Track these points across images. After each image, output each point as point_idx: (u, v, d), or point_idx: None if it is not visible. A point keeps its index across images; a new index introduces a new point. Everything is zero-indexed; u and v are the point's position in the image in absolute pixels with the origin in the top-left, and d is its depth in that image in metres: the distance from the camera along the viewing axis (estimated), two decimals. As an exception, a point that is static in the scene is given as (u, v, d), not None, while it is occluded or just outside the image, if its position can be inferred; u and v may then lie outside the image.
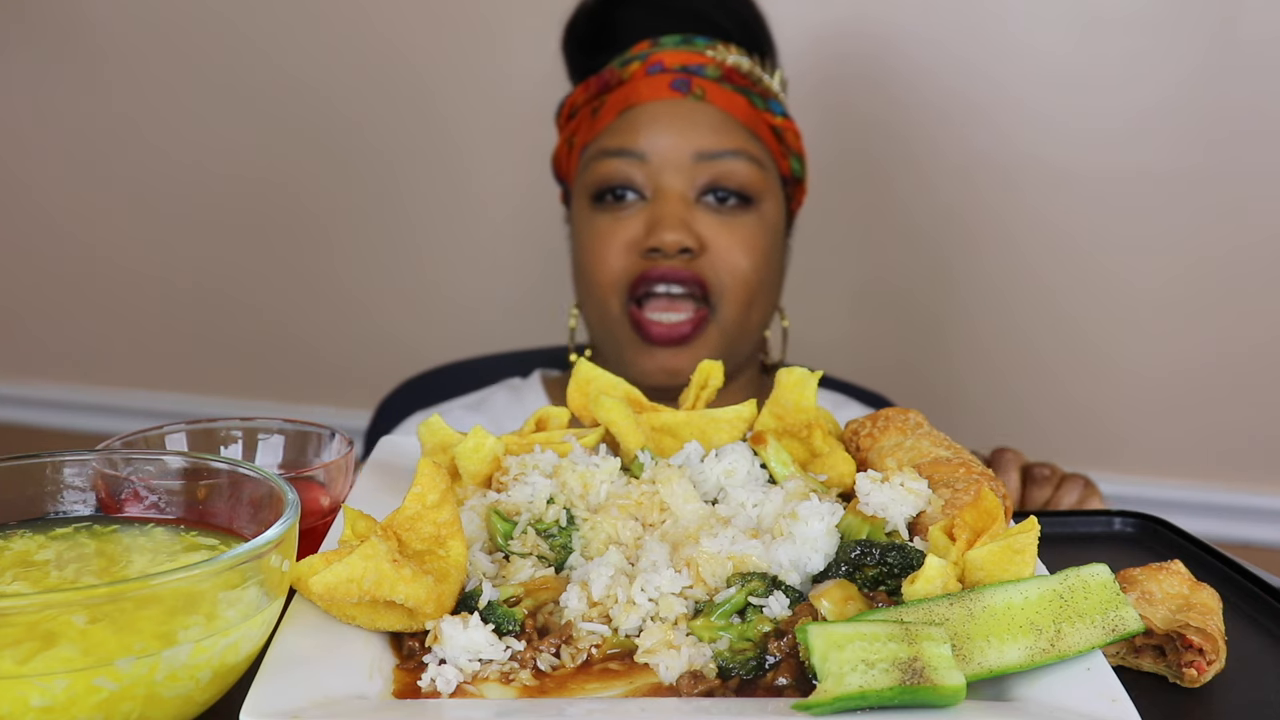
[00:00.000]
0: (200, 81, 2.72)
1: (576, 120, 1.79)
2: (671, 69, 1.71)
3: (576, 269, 1.79)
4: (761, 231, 1.71)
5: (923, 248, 2.47)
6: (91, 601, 0.72)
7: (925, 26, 2.37)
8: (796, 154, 1.79)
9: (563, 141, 1.83)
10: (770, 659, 0.85)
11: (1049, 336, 2.44)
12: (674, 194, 1.68)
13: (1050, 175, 2.37)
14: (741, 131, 1.71)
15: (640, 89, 1.71)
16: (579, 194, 1.77)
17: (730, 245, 1.68)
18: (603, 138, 1.73)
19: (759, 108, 1.73)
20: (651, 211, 1.68)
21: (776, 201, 1.76)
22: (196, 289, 2.85)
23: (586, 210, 1.74)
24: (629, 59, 1.74)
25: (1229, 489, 2.40)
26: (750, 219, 1.70)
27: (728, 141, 1.69)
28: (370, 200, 2.71)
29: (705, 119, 1.70)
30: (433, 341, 2.63)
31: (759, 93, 1.73)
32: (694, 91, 1.70)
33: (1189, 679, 0.92)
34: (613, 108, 1.72)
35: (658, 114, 1.69)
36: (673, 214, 1.66)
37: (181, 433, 1.12)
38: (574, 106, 1.79)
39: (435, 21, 2.58)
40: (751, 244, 1.70)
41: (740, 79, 1.72)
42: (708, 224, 1.68)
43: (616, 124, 1.72)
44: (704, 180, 1.69)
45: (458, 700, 0.81)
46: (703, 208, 1.69)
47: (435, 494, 0.90)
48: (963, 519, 0.89)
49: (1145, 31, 2.28)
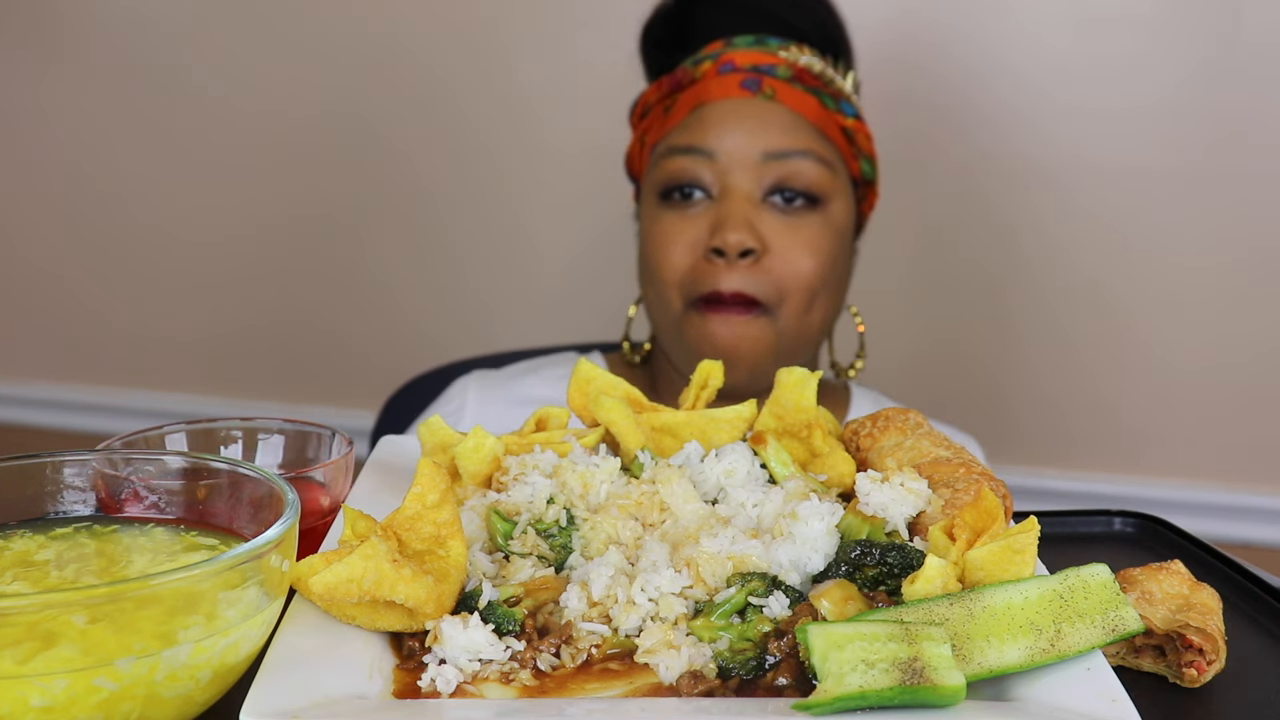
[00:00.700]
0: (211, 81, 2.72)
1: (649, 119, 1.80)
2: (743, 68, 1.72)
3: (642, 265, 1.80)
4: (827, 233, 1.71)
5: (932, 249, 2.47)
6: (91, 601, 0.72)
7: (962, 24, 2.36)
8: (868, 156, 1.79)
9: (635, 139, 1.84)
10: (770, 659, 0.85)
11: (1048, 338, 2.44)
12: (740, 193, 1.68)
13: (1057, 180, 2.37)
14: (811, 132, 1.72)
15: (711, 88, 1.72)
16: (648, 190, 1.78)
17: (793, 245, 1.67)
18: (672, 135, 1.74)
19: (830, 109, 1.74)
20: (717, 211, 1.69)
21: (845, 203, 1.76)
22: (197, 289, 2.85)
23: (654, 207, 1.76)
24: (701, 58, 1.76)
25: (1229, 489, 2.40)
26: (816, 220, 1.70)
27: (796, 142, 1.70)
28: (370, 200, 2.71)
29: (775, 118, 1.70)
30: (434, 341, 2.63)
31: (830, 94, 1.74)
32: (764, 91, 1.71)
33: (1189, 679, 0.92)
34: (684, 106, 1.74)
35: (727, 113, 1.70)
36: (738, 214, 1.66)
37: (181, 433, 1.12)
38: (647, 105, 1.81)
39: (457, 18, 2.58)
40: (816, 245, 1.69)
41: (812, 79, 1.73)
42: (772, 224, 1.68)
43: (687, 122, 1.73)
44: (771, 180, 1.69)
45: (458, 700, 0.81)
46: (769, 208, 1.69)
47: (435, 494, 0.90)
48: (963, 519, 0.89)
49: (1186, 22, 2.28)
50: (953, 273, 2.46)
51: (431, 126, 2.63)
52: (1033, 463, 2.46)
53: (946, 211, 2.44)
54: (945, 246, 2.46)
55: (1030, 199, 2.39)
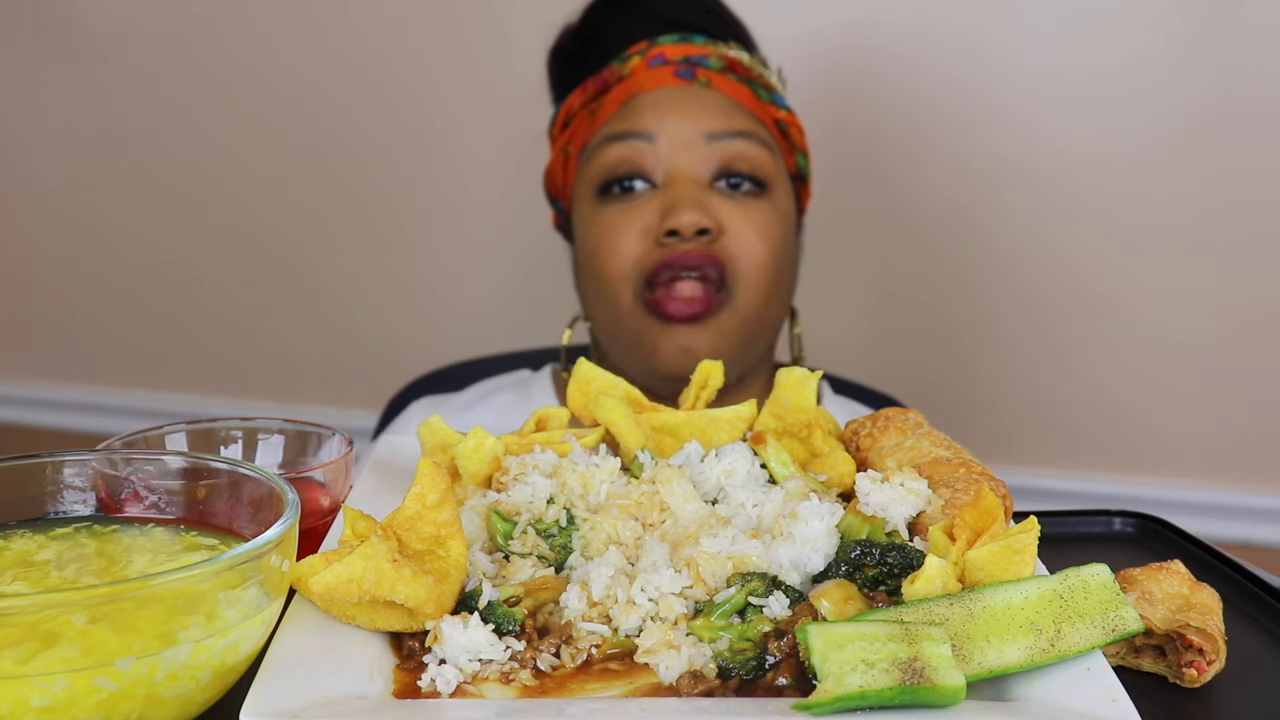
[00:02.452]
0: (198, 83, 2.72)
1: (573, 126, 1.72)
2: (674, 60, 1.66)
3: (582, 268, 1.71)
4: (777, 218, 1.65)
5: (928, 249, 2.47)
6: (91, 601, 0.72)
7: (943, 25, 2.36)
8: (801, 151, 1.74)
9: (557, 153, 1.75)
10: (770, 659, 0.85)
11: (1048, 338, 2.44)
12: (688, 176, 1.61)
13: (1053, 177, 2.37)
14: (749, 117, 1.67)
15: (643, 80, 1.65)
16: (582, 194, 1.69)
17: (746, 229, 1.61)
18: (604, 128, 1.66)
19: (763, 99, 1.69)
20: (664, 196, 1.61)
21: (787, 193, 1.70)
22: (196, 289, 2.85)
23: (592, 206, 1.66)
24: (628, 56, 1.68)
25: (1229, 489, 2.40)
26: (765, 205, 1.64)
27: (738, 124, 1.64)
28: (371, 200, 2.70)
29: (713, 102, 1.64)
30: (435, 341, 2.63)
31: (763, 85, 1.69)
32: (699, 79, 1.65)
33: (1189, 679, 0.92)
34: (614, 101, 1.66)
35: (662, 99, 1.64)
36: (688, 195, 1.59)
37: (181, 433, 1.12)
38: (570, 112, 1.72)
39: (428, 23, 2.58)
40: (768, 230, 1.63)
41: (744, 71, 1.68)
42: (723, 208, 1.61)
43: (619, 113, 1.65)
44: (716, 162, 1.62)
45: (458, 700, 0.81)
46: (716, 192, 1.62)
47: (435, 494, 0.90)
48: (963, 519, 0.89)
49: (1157, 31, 2.28)
50: (951, 273, 2.46)
51: (430, 125, 2.63)
52: (1033, 463, 2.46)
53: (946, 211, 2.44)
54: (944, 246, 2.45)
55: (1030, 198, 2.39)
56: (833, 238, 2.48)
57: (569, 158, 1.73)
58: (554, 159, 1.77)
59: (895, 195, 2.46)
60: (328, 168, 2.70)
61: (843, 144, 2.42)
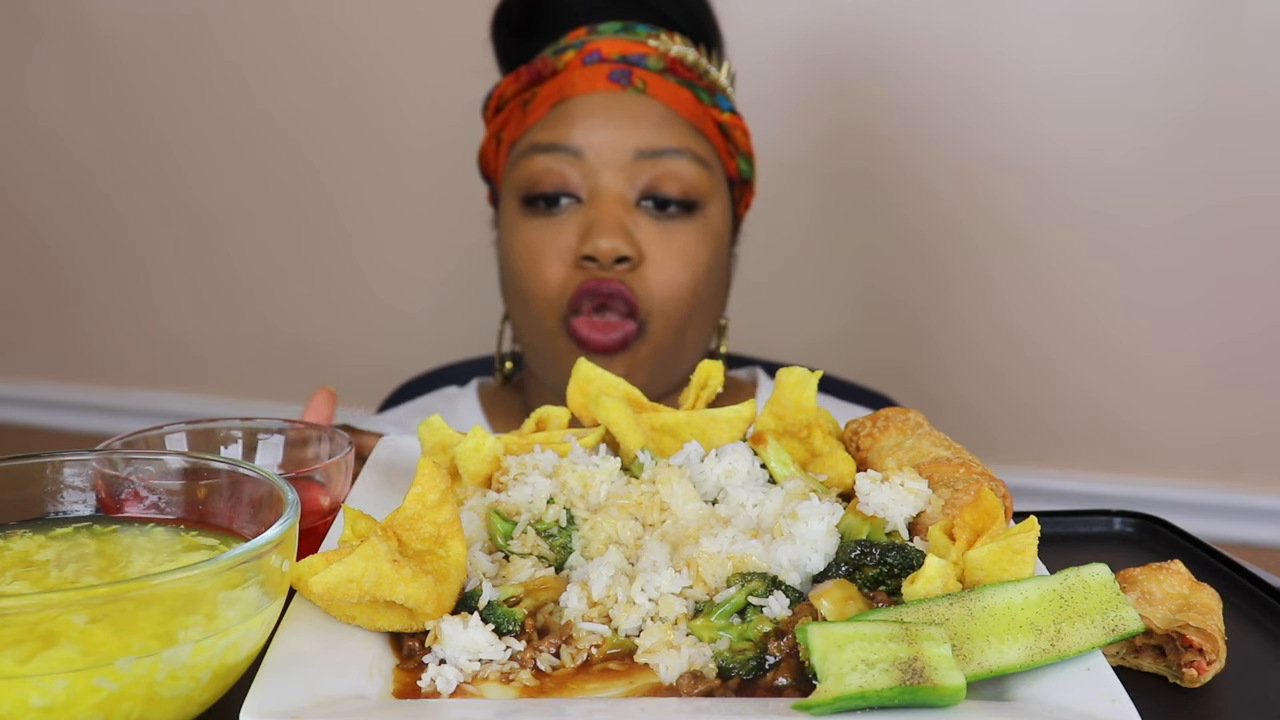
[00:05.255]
0: (216, 80, 2.72)
1: (505, 113, 1.66)
2: (610, 59, 1.59)
3: (507, 278, 1.66)
4: (704, 242, 1.60)
5: (925, 247, 2.47)
6: (91, 601, 0.72)
7: (924, 26, 2.37)
8: (745, 154, 1.68)
9: (490, 136, 1.70)
10: (770, 659, 0.85)
11: (1046, 338, 2.44)
12: (611, 196, 1.56)
13: (1046, 175, 2.37)
14: (686, 128, 1.60)
15: (575, 80, 1.59)
16: (507, 194, 1.64)
17: (667, 258, 1.56)
18: (533, 132, 1.60)
19: (705, 103, 1.63)
20: (587, 214, 1.56)
21: (722, 206, 1.64)
22: (196, 289, 2.85)
23: (516, 214, 1.62)
24: (563, 47, 1.62)
25: (1229, 489, 2.40)
26: (692, 228, 1.59)
27: (671, 139, 1.58)
28: (370, 199, 2.71)
29: (646, 113, 1.58)
30: (433, 342, 2.62)
31: (705, 86, 1.63)
32: (634, 84, 1.58)
33: (1189, 679, 0.92)
34: (545, 100, 1.60)
35: (594, 107, 1.58)
36: (609, 218, 1.54)
37: (181, 433, 1.12)
38: (503, 98, 1.66)
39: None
40: (692, 257, 1.58)
41: (685, 71, 1.62)
42: (647, 232, 1.56)
43: (549, 118, 1.59)
44: (644, 181, 1.57)
45: (458, 700, 0.81)
46: (642, 213, 1.57)
47: (435, 494, 0.90)
48: (963, 519, 0.89)
49: (1143, 30, 2.28)
50: (951, 271, 2.46)
51: (428, 125, 2.63)
52: (1033, 463, 2.46)
53: (945, 210, 2.44)
54: (942, 244, 2.45)
55: (1029, 197, 2.39)
56: (826, 236, 2.48)
57: (500, 143, 1.68)
58: (487, 140, 1.72)
59: (890, 194, 2.46)
60: (329, 167, 2.70)
61: (835, 142, 2.42)
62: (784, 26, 2.36)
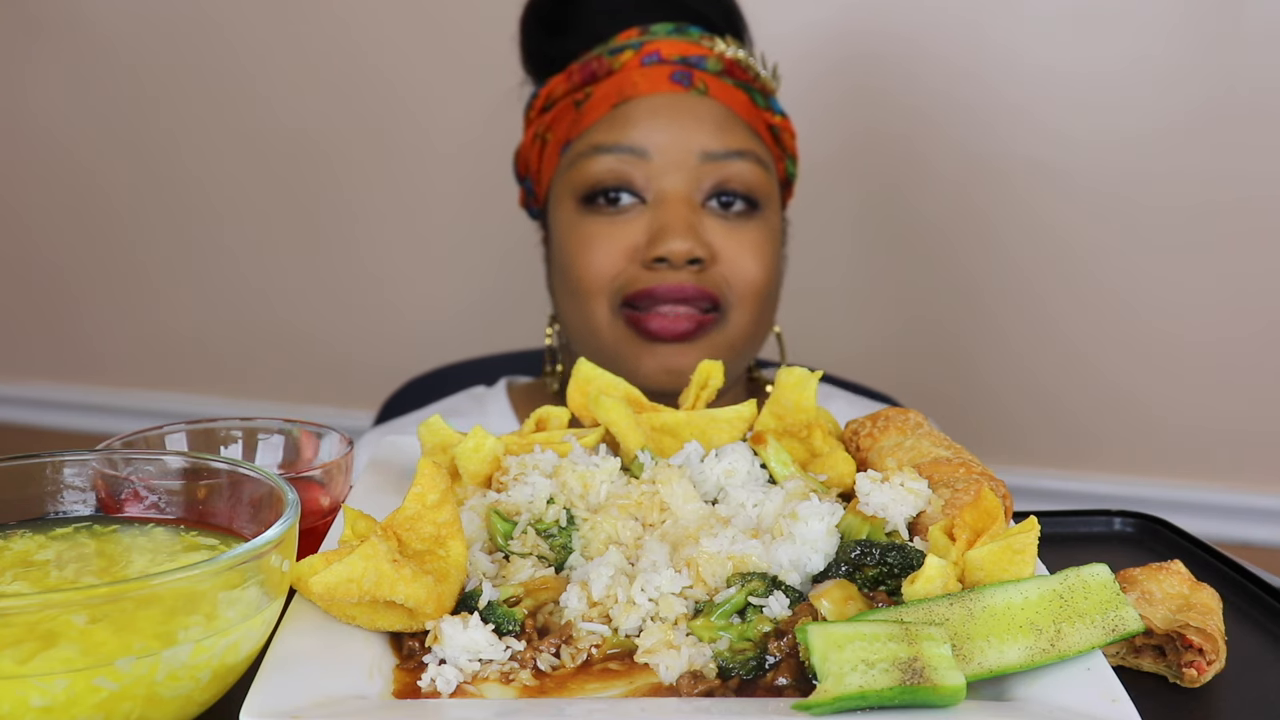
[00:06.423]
0: (214, 83, 2.72)
1: (554, 112, 1.64)
2: (670, 60, 1.59)
3: (559, 276, 1.64)
4: (769, 238, 1.61)
5: (931, 246, 2.47)
6: (91, 601, 0.72)
7: (934, 23, 2.37)
8: (791, 155, 1.70)
9: (531, 136, 1.68)
10: (770, 659, 0.84)
11: (1047, 338, 2.44)
12: (679, 197, 1.56)
13: (1051, 173, 2.37)
14: (745, 130, 1.61)
15: (637, 80, 1.57)
16: (563, 194, 1.63)
17: (740, 253, 1.57)
18: (593, 132, 1.59)
19: (759, 105, 1.64)
20: (655, 216, 1.55)
21: (776, 207, 1.66)
22: (196, 289, 2.85)
23: (573, 212, 1.60)
24: (619, 47, 1.60)
25: (1229, 489, 2.40)
26: (757, 225, 1.60)
27: (734, 141, 1.58)
28: (370, 199, 2.71)
29: (710, 115, 1.58)
30: (433, 342, 2.63)
31: (759, 89, 1.64)
32: (696, 86, 1.58)
33: (1189, 679, 0.92)
34: (603, 100, 1.59)
35: (658, 108, 1.57)
36: (680, 220, 1.54)
37: (181, 433, 1.12)
38: (550, 98, 1.64)
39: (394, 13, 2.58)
40: (761, 251, 1.59)
41: (741, 73, 1.62)
42: (715, 231, 1.57)
43: (610, 118, 1.58)
44: (710, 183, 1.57)
45: (458, 700, 0.81)
46: (708, 213, 1.58)
47: (435, 494, 0.90)
48: (963, 519, 0.89)
49: (1147, 29, 2.28)
50: (954, 269, 2.46)
51: (435, 126, 2.63)
52: (1032, 463, 2.47)
53: (944, 210, 2.44)
54: (946, 242, 2.45)
55: (1028, 197, 2.39)
56: (836, 234, 2.48)
57: (546, 145, 1.66)
58: (527, 141, 1.70)
59: (900, 191, 2.46)
60: (329, 167, 2.70)
61: (848, 141, 2.42)
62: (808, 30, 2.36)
